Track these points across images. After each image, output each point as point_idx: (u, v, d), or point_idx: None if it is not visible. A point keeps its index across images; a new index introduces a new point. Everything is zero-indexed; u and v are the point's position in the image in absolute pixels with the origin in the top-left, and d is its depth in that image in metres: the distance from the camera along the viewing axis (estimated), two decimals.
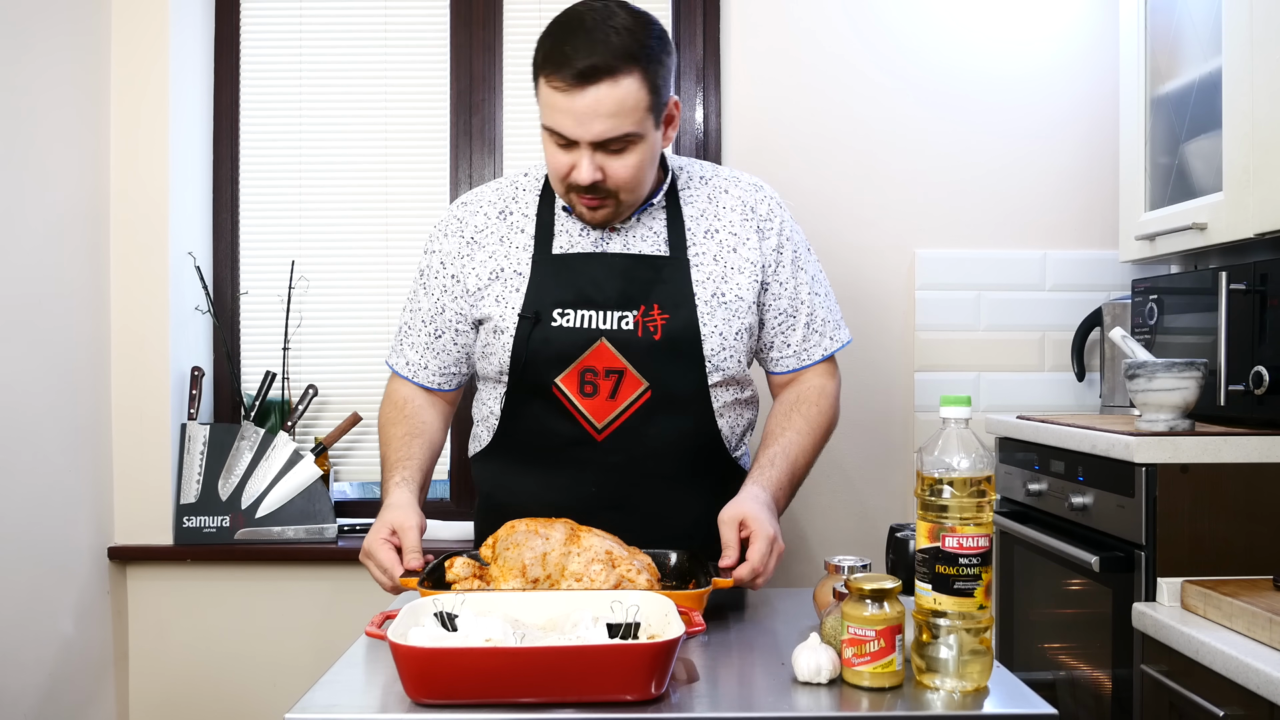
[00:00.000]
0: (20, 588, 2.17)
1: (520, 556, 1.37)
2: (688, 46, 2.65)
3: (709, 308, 1.62)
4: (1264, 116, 1.75)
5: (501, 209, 1.69)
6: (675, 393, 1.61)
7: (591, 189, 1.54)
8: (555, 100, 1.50)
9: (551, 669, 1.08)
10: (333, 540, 2.53)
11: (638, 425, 1.62)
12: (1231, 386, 1.83)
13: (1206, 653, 1.47)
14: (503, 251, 1.66)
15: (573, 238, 1.65)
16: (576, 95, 1.48)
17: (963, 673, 1.13)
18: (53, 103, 2.28)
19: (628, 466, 1.62)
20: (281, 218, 2.70)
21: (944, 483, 1.14)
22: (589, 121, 1.49)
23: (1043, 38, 2.54)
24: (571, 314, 1.60)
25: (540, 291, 1.61)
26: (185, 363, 2.58)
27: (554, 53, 1.49)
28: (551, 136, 1.54)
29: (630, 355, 1.60)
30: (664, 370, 1.60)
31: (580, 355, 1.60)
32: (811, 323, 1.72)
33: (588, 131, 1.49)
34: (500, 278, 1.64)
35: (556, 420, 1.63)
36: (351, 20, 2.70)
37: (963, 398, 1.18)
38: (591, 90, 1.47)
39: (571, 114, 1.49)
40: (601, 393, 1.60)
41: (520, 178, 1.73)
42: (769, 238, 1.68)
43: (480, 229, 1.68)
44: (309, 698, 1.13)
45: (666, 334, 1.60)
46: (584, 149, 1.51)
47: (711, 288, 1.63)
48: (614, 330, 1.60)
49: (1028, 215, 2.55)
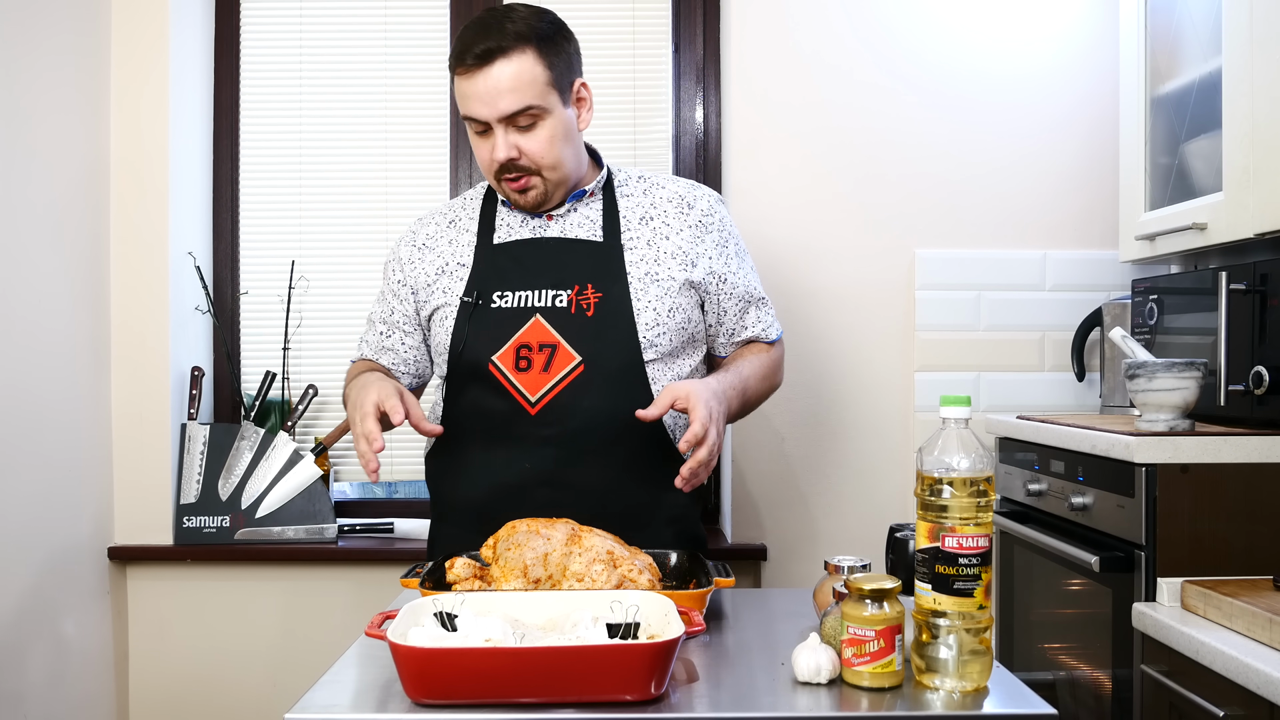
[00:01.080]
0: (20, 588, 2.17)
1: (521, 557, 1.37)
2: (688, 46, 2.65)
3: (641, 285, 1.69)
4: (1264, 116, 1.75)
5: (451, 219, 1.82)
6: (609, 368, 1.66)
7: (512, 168, 1.65)
8: (463, 88, 1.64)
9: (551, 669, 1.08)
10: (333, 540, 2.53)
11: (571, 399, 1.64)
12: (1231, 386, 1.82)
13: (1206, 653, 1.47)
14: (449, 251, 1.77)
15: (512, 229, 1.75)
16: (478, 77, 1.61)
17: (962, 673, 1.13)
18: (53, 103, 2.28)
19: (562, 440, 1.64)
20: (281, 218, 2.70)
21: (944, 483, 1.14)
22: (493, 99, 1.61)
23: (1043, 38, 2.54)
24: (510, 295, 1.69)
25: (481, 277, 1.71)
26: (185, 363, 2.58)
27: (457, 47, 1.63)
28: (472, 128, 1.67)
29: (563, 330, 1.66)
30: (597, 345, 1.65)
31: (516, 332, 1.66)
32: (764, 305, 1.83)
33: (494, 109, 1.62)
34: (446, 271, 1.75)
35: (492, 399, 1.67)
36: (351, 20, 2.70)
37: (963, 398, 1.18)
38: (491, 70, 1.61)
39: (477, 96, 1.62)
40: (535, 366, 1.65)
41: (466, 197, 1.85)
42: (711, 231, 1.76)
43: (431, 236, 1.80)
44: (309, 698, 1.13)
45: (599, 310, 1.67)
46: (497, 129, 1.63)
47: (644, 268, 1.70)
48: (548, 307, 1.67)
49: (1028, 215, 2.55)
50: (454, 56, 1.64)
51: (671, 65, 2.68)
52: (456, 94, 1.67)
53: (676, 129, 2.67)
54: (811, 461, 2.51)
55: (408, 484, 2.77)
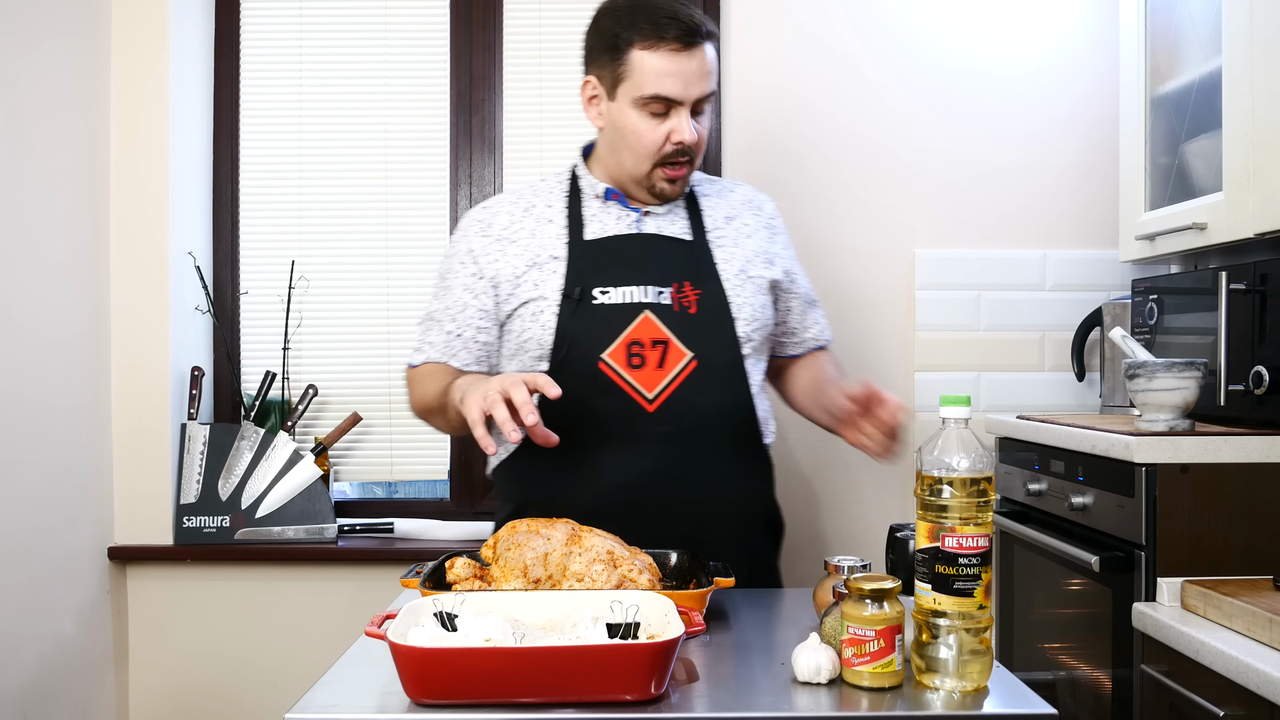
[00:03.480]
0: (20, 588, 2.17)
1: (521, 557, 1.37)
2: None
3: (736, 283, 1.71)
4: (1264, 116, 1.75)
5: (525, 207, 1.75)
6: (716, 363, 1.67)
7: (683, 152, 1.66)
8: (663, 65, 1.61)
9: (551, 669, 1.08)
10: (333, 540, 2.53)
11: (687, 395, 1.64)
12: (1231, 386, 1.82)
13: (1206, 653, 1.47)
14: (535, 243, 1.70)
15: (607, 225, 1.72)
16: (685, 57, 1.61)
17: (963, 673, 1.13)
18: (53, 103, 2.29)
19: (679, 437, 1.64)
20: (281, 218, 2.70)
21: (944, 483, 1.14)
22: (695, 81, 1.63)
23: (1043, 38, 2.54)
24: (612, 291, 1.65)
25: (579, 273, 1.66)
26: (185, 363, 2.58)
27: (653, 22, 1.61)
28: (647, 107, 1.63)
29: (672, 326, 1.65)
30: (704, 341, 1.66)
31: (626, 329, 1.64)
32: (816, 310, 1.89)
33: (692, 91, 1.63)
34: (537, 264, 1.68)
35: (602, 397, 1.62)
36: (351, 20, 2.70)
37: (963, 398, 1.18)
38: (697, 51, 1.62)
39: (681, 76, 1.61)
40: (649, 363, 1.63)
41: (537, 182, 1.81)
42: (779, 233, 1.83)
43: (507, 226, 1.73)
44: (309, 698, 1.13)
45: (701, 307, 1.67)
46: (683, 112, 1.63)
47: (736, 266, 1.73)
48: (654, 304, 1.66)
49: (1028, 215, 2.55)
50: (653, 31, 1.60)
51: None
52: (637, 71, 1.62)
53: None
54: (812, 461, 2.51)
55: (408, 484, 2.77)
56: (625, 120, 1.66)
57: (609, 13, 1.68)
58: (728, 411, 1.68)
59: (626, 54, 1.63)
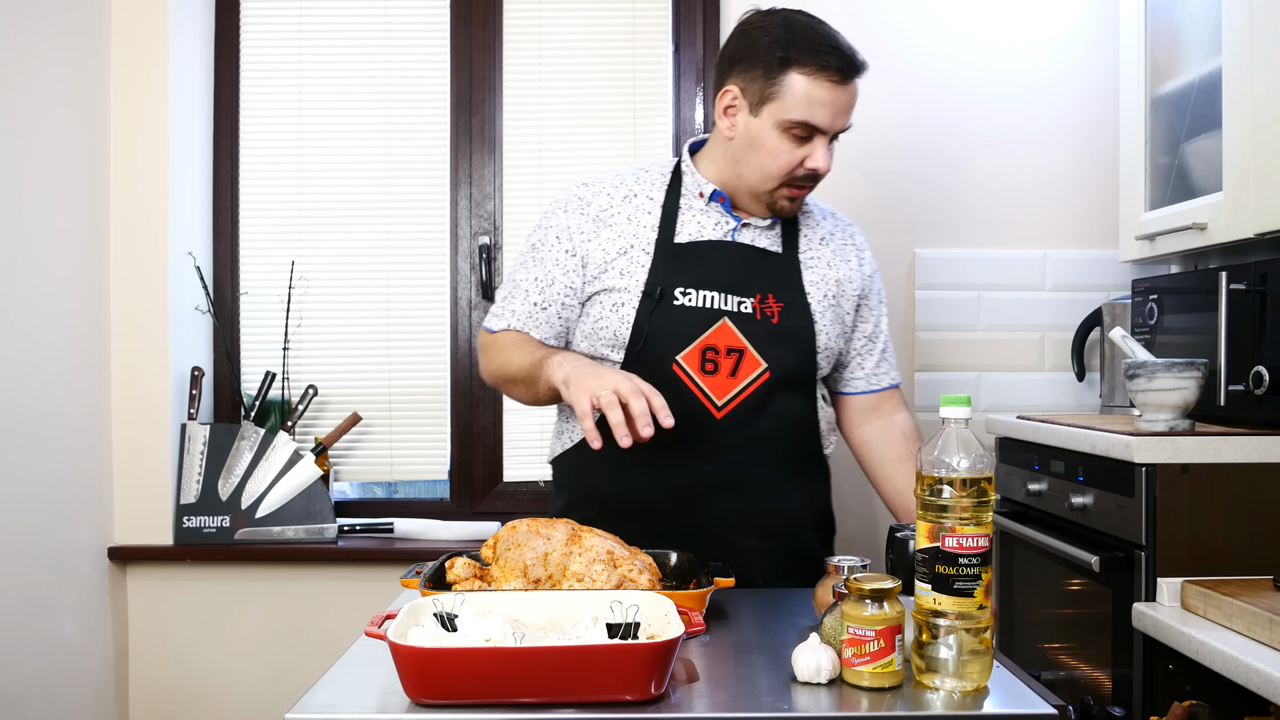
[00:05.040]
0: (20, 588, 2.17)
1: (521, 557, 1.37)
2: (688, 46, 2.65)
3: (821, 306, 1.72)
4: (1264, 116, 1.75)
5: (626, 193, 1.74)
6: (790, 377, 1.68)
7: (812, 177, 1.67)
8: (818, 94, 1.60)
9: (551, 669, 1.08)
10: (333, 540, 2.53)
11: (756, 405, 1.65)
12: (1231, 386, 1.82)
13: (1206, 653, 1.47)
14: (630, 230, 1.70)
15: (702, 228, 1.71)
16: (842, 90, 1.62)
17: (963, 673, 1.13)
18: (53, 103, 2.28)
19: (744, 446, 1.65)
20: (281, 218, 2.70)
21: (944, 483, 1.14)
22: (843, 114, 1.64)
23: (1043, 38, 2.54)
24: (694, 294, 1.66)
25: (663, 272, 1.66)
26: (185, 363, 2.58)
27: (815, 49, 1.60)
28: (790, 130, 1.62)
29: (750, 336, 1.65)
30: (780, 354, 1.67)
31: (703, 333, 1.64)
32: (886, 352, 1.85)
33: (838, 123, 1.64)
34: (628, 254, 1.68)
35: (672, 399, 1.58)
36: (351, 20, 2.70)
37: (963, 398, 1.18)
38: (853, 84, 1.63)
39: (833, 107, 1.61)
40: (722, 370, 1.64)
41: (640, 171, 1.78)
42: (865, 266, 1.83)
43: (605, 209, 1.72)
44: (309, 698, 1.13)
45: (783, 319, 1.68)
46: (823, 140, 1.64)
47: (824, 289, 1.74)
48: (734, 312, 1.66)
49: (1028, 215, 2.55)
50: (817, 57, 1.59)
51: (671, 65, 2.68)
52: (791, 94, 1.60)
53: (676, 129, 2.67)
54: None
55: (408, 484, 2.77)
56: (763, 138, 1.64)
57: (764, 28, 1.64)
58: (795, 425, 1.70)
59: (782, 75, 1.60)
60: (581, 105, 2.68)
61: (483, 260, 2.66)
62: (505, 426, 2.68)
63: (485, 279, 2.66)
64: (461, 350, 2.68)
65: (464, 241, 2.69)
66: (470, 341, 2.68)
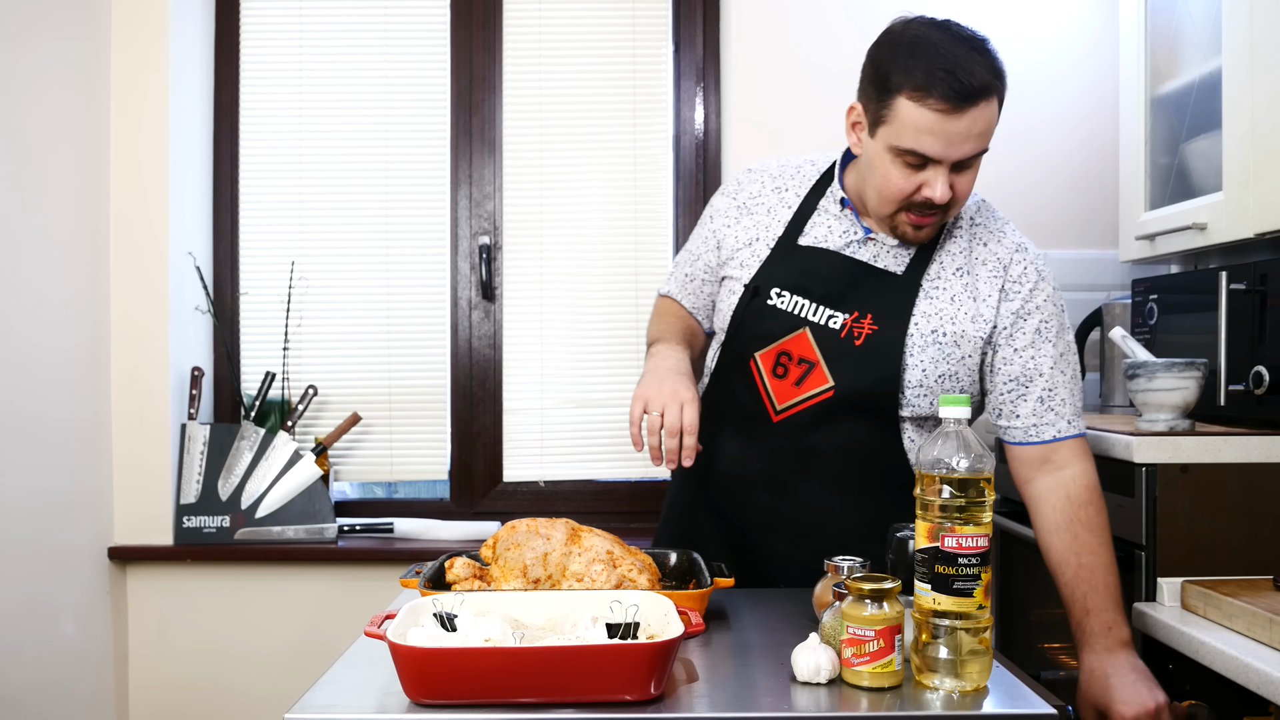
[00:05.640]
0: (20, 588, 2.17)
1: (521, 557, 1.37)
2: (688, 46, 2.65)
3: (922, 341, 1.59)
4: (1264, 116, 1.75)
5: (777, 185, 1.74)
6: (859, 403, 1.60)
7: (931, 206, 1.53)
8: (927, 122, 1.46)
9: (551, 669, 1.08)
10: (333, 540, 2.53)
11: (811, 419, 1.63)
12: (1231, 386, 1.82)
13: (1207, 653, 1.47)
14: (764, 223, 1.72)
15: (829, 233, 1.67)
16: (956, 118, 1.46)
17: (962, 673, 1.13)
18: (53, 104, 2.29)
19: (793, 454, 1.64)
20: (281, 218, 2.70)
21: (944, 483, 1.14)
22: (960, 142, 1.48)
23: (1043, 38, 2.54)
24: (787, 297, 1.65)
25: (771, 270, 1.67)
26: (185, 363, 2.58)
27: (928, 72, 1.45)
28: (902, 157, 1.51)
29: (826, 351, 1.61)
30: (854, 376, 1.60)
31: (782, 337, 1.64)
32: (1049, 399, 1.60)
33: (953, 153, 1.48)
34: (752, 245, 1.71)
35: (744, 391, 1.68)
36: (351, 20, 2.70)
37: (963, 397, 1.18)
38: (971, 111, 1.46)
39: (945, 136, 1.47)
40: (790, 377, 1.63)
41: (804, 164, 1.76)
42: (1012, 300, 1.61)
43: (753, 196, 1.75)
44: (309, 698, 1.13)
45: (869, 343, 1.59)
46: (942, 168, 1.50)
47: (934, 323, 1.60)
48: (819, 324, 1.63)
49: (1027, 215, 2.54)
50: (927, 83, 1.45)
51: (671, 65, 2.68)
52: (898, 119, 1.48)
53: (677, 129, 2.67)
54: None
55: (408, 484, 2.77)
56: (878, 161, 1.54)
57: (887, 44, 1.52)
58: (857, 450, 1.63)
59: (893, 99, 1.48)
60: (581, 105, 2.68)
61: (483, 260, 2.66)
62: (505, 426, 2.68)
63: (485, 279, 2.66)
64: (461, 350, 2.68)
65: (464, 241, 2.69)
66: (470, 341, 2.68)
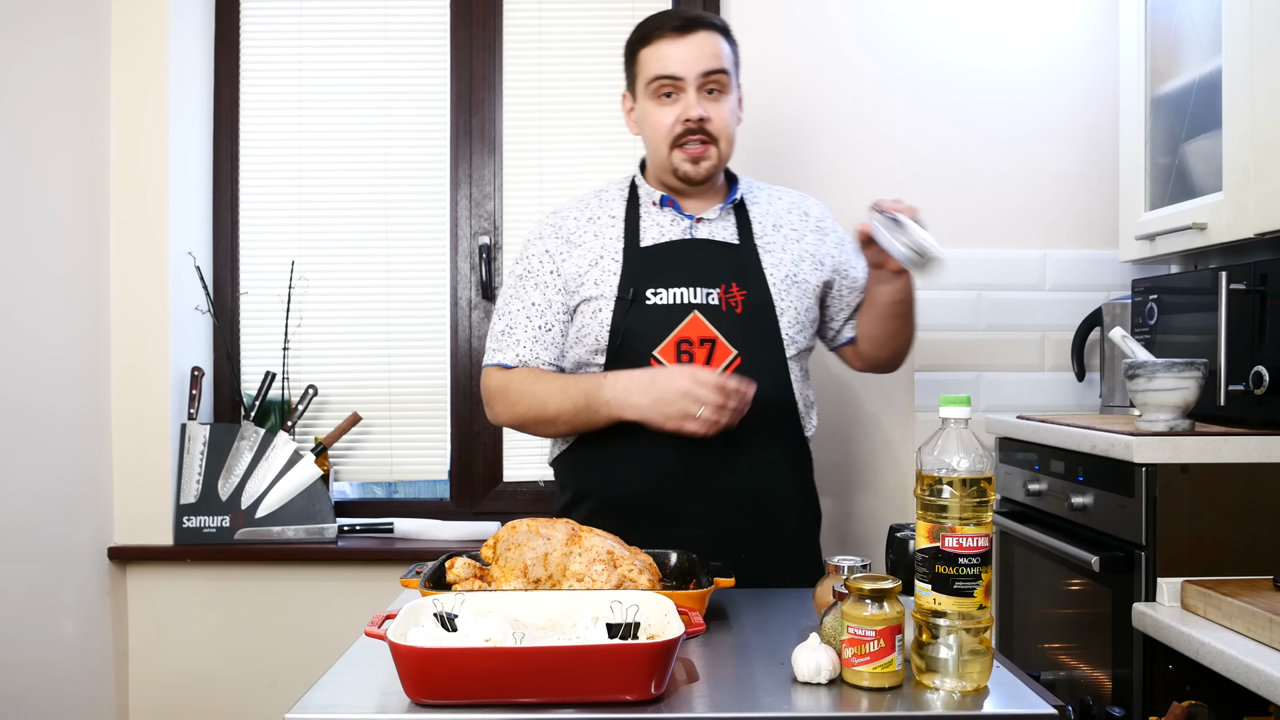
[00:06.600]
0: (20, 588, 2.17)
1: (521, 557, 1.37)
2: None
3: (783, 288, 1.80)
4: (1264, 116, 1.75)
5: (590, 215, 1.86)
6: (760, 362, 1.76)
7: (698, 131, 1.76)
8: (662, 50, 1.76)
9: (551, 669, 1.08)
10: (333, 540, 2.53)
11: None
12: (1231, 386, 1.82)
13: (1207, 653, 1.47)
14: (598, 245, 1.82)
15: (664, 230, 1.83)
16: (682, 41, 1.75)
17: (963, 673, 1.13)
18: (53, 103, 2.29)
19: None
20: (281, 218, 2.70)
21: (944, 483, 1.14)
22: (694, 60, 1.75)
23: (1042, 38, 2.54)
24: (664, 292, 1.76)
25: (634, 275, 1.78)
26: (185, 363, 2.58)
27: (652, 23, 1.78)
28: (657, 93, 1.77)
29: (719, 325, 1.75)
30: (748, 340, 1.76)
31: (676, 327, 1.75)
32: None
33: (693, 68, 1.75)
34: (598, 264, 1.80)
35: None
36: (351, 20, 2.70)
37: (962, 398, 1.18)
38: (693, 36, 1.76)
39: (679, 56, 1.75)
40: (697, 360, 1.74)
41: (600, 192, 1.91)
42: (828, 235, 1.90)
43: (575, 230, 1.85)
44: (309, 698, 1.13)
45: (747, 308, 1.77)
46: (690, 91, 1.76)
47: (784, 271, 1.82)
48: (703, 304, 1.76)
49: (1028, 215, 2.55)
50: (652, 30, 1.77)
51: None
52: (644, 67, 1.79)
53: None
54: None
55: (408, 484, 2.77)
56: (645, 113, 1.81)
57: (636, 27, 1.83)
58: (770, 406, 1.75)
59: (637, 55, 1.80)
60: (581, 105, 2.68)
61: (483, 260, 2.66)
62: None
63: (485, 279, 2.66)
64: (461, 350, 2.68)
65: (464, 241, 2.69)
66: (470, 341, 2.68)
